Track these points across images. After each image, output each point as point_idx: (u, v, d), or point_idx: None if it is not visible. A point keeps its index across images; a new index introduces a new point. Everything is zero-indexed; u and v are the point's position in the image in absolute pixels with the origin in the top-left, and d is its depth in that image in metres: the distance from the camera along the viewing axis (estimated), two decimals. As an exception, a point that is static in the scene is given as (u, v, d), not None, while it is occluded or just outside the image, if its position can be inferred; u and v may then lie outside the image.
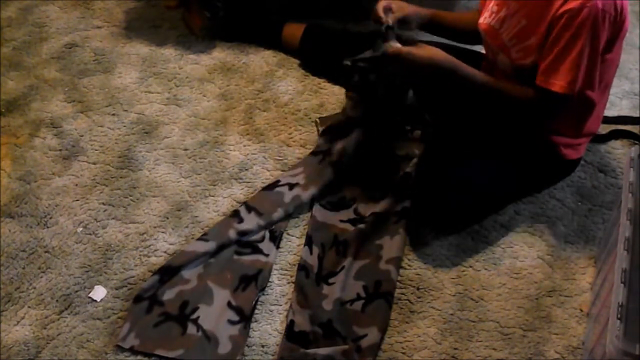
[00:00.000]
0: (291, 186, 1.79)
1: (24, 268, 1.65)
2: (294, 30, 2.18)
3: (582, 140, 1.73)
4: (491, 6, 1.68)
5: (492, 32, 1.66)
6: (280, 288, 1.61)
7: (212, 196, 1.81)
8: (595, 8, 1.43)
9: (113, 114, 2.04)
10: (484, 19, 1.69)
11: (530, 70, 1.58)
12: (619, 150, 1.90)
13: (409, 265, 1.65)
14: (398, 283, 1.61)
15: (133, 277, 1.63)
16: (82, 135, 1.98)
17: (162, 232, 1.72)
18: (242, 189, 1.82)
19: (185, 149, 1.93)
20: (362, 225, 1.70)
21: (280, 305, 1.58)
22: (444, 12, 1.86)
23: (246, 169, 1.87)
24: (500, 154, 1.68)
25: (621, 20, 1.50)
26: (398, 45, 1.60)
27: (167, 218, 1.76)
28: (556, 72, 1.51)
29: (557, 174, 1.80)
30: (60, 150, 1.94)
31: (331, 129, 1.92)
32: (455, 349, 1.50)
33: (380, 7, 1.70)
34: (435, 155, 1.75)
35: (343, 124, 1.89)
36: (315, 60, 2.16)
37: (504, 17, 1.62)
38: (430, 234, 1.70)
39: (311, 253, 1.66)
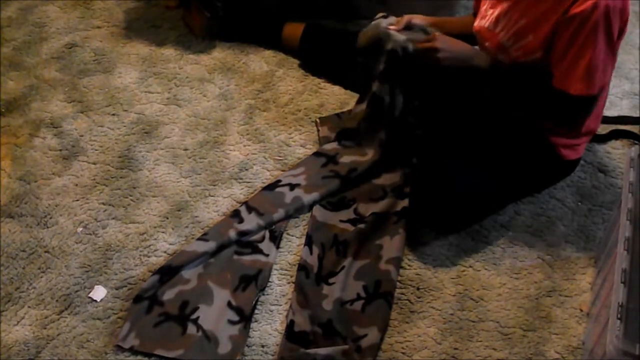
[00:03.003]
0: (292, 187, 1.79)
1: (24, 268, 1.65)
2: (293, 30, 2.18)
3: (582, 140, 1.73)
4: (485, 9, 1.68)
5: (487, 33, 1.66)
6: (280, 288, 1.61)
7: (212, 196, 1.81)
8: (606, 6, 1.41)
9: (113, 114, 2.04)
10: (479, 22, 1.69)
11: (530, 66, 1.57)
12: (619, 150, 1.90)
13: (409, 265, 1.65)
14: (398, 283, 1.61)
15: (133, 277, 1.63)
16: (82, 135, 1.98)
17: (162, 232, 1.72)
18: (242, 189, 1.82)
19: (185, 149, 1.93)
20: (362, 225, 1.70)
21: (280, 305, 1.58)
22: (450, 19, 1.87)
23: (246, 169, 1.87)
24: (500, 155, 1.68)
25: (626, 11, 1.47)
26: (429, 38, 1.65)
27: (167, 218, 1.76)
28: (573, 76, 1.49)
29: (556, 174, 1.80)
30: (60, 150, 1.94)
31: (340, 135, 1.91)
32: (455, 349, 1.50)
33: (405, 20, 1.75)
34: (434, 156, 1.75)
35: (354, 132, 1.89)
36: (315, 60, 2.16)
37: (497, 17, 1.62)
38: (430, 234, 1.70)
39: (311, 253, 1.66)
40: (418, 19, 1.77)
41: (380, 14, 1.83)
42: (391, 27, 1.77)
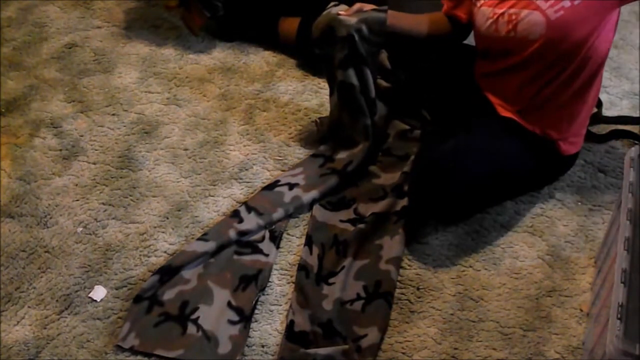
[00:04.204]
0: (291, 186, 1.79)
1: (24, 268, 1.65)
2: (289, 24, 2.18)
3: (580, 129, 1.73)
4: None
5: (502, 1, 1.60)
6: (280, 288, 1.61)
7: (212, 196, 1.81)
8: None
9: (113, 114, 2.04)
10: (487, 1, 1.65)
11: (569, 29, 1.52)
12: (619, 150, 1.90)
13: (409, 265, 1.65)
14: (398, 283, 1.61)
15: (133, 277, 1.63)
16: (82, 135, 1.98)
17: (162, 232, 1.72)
18: (242, 189, 1.82)
19: (185, 149, 1.93)
20: (362, 225, 1.70)
21: (280, 305, 1.58)
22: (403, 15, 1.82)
23: (246, 169, 1.87)
24: (502, 150, 1.67)
25: None
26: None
27: (167, 218, 1.76)
28: None
29: (556, 170, 1.79)
30: (60, 150, 1.94)
31: (330, 132, 1.91)
32: (455, 349, 1.50)
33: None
34: (433, 148, 1.72)
35: (340, 125, 1.88)
36: (313, 54, 2.14)
37: None
38: (430, 234, 1.70)
39: (311, 253, 1.65)
40: (368, 7, 1.74)
41: (332, 3, 1.78)
42: (341, 12, 1.73)
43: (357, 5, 1.74)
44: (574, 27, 1.53)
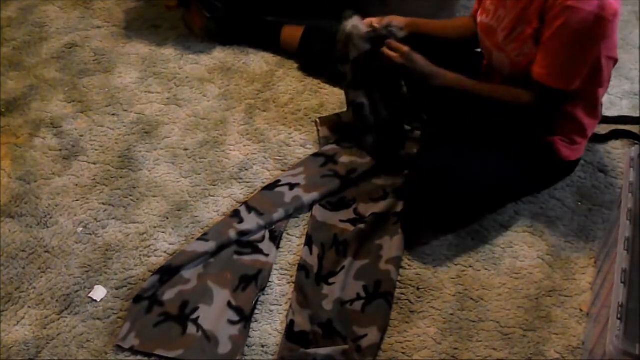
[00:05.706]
0: (292, 186, 1.79)
1: (24, 268, 1.65)
2: (292, 33, 2.17)
3: (584, 140, 1.73)
4: (488, 5, 1.67)
5: (488, 30, 1.65)
6: (280, 288, 1.61)
7: (212, 196, 1.81)
8: (591, 15, 1.42)
9: (113, 114, 2.04)
10: (481, 18, 1.69)
11: (526, 69, 1.57)
12: (619, 150, 1.90)
13: (409, 265, 1.65)
14: (398, 283, 1.61)
15: (133, 277, 1.63)
16: (82, 135, 1.98)
17: (162, 232, 1.72)
18: (242, 189, 1.82)
19: (185, 149, 1.93)
20: (362, 225, 1.70)
21: (280, 305, 1.58)
22: (429, 21, 1.83)
23: (246, 169, 1.87)
24: (500, 154, 1.67)
25: (615, 19, 1.48)
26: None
27: (167, 218, 1.76)
28: (553, 70, 1.51)
29: (557, 175, 1.79)
30: (60, 150, 1.94)
31: (339, 134, 1.91)
32: (455, 349, 1.50)
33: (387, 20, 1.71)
34: (433, 153, 1.73)
35: (351, 133, 1.88)
36: (315, 63, 2.15)
37: (499, 15, 1.61)
38: (430, 234, 1.70)
39: (311, 253, 1.66)
40: (397, 21, 1.72)
41: (347, 13, 1.75)
42: (360, 26, 1.71)
43: (387, 19, 1.72)
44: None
